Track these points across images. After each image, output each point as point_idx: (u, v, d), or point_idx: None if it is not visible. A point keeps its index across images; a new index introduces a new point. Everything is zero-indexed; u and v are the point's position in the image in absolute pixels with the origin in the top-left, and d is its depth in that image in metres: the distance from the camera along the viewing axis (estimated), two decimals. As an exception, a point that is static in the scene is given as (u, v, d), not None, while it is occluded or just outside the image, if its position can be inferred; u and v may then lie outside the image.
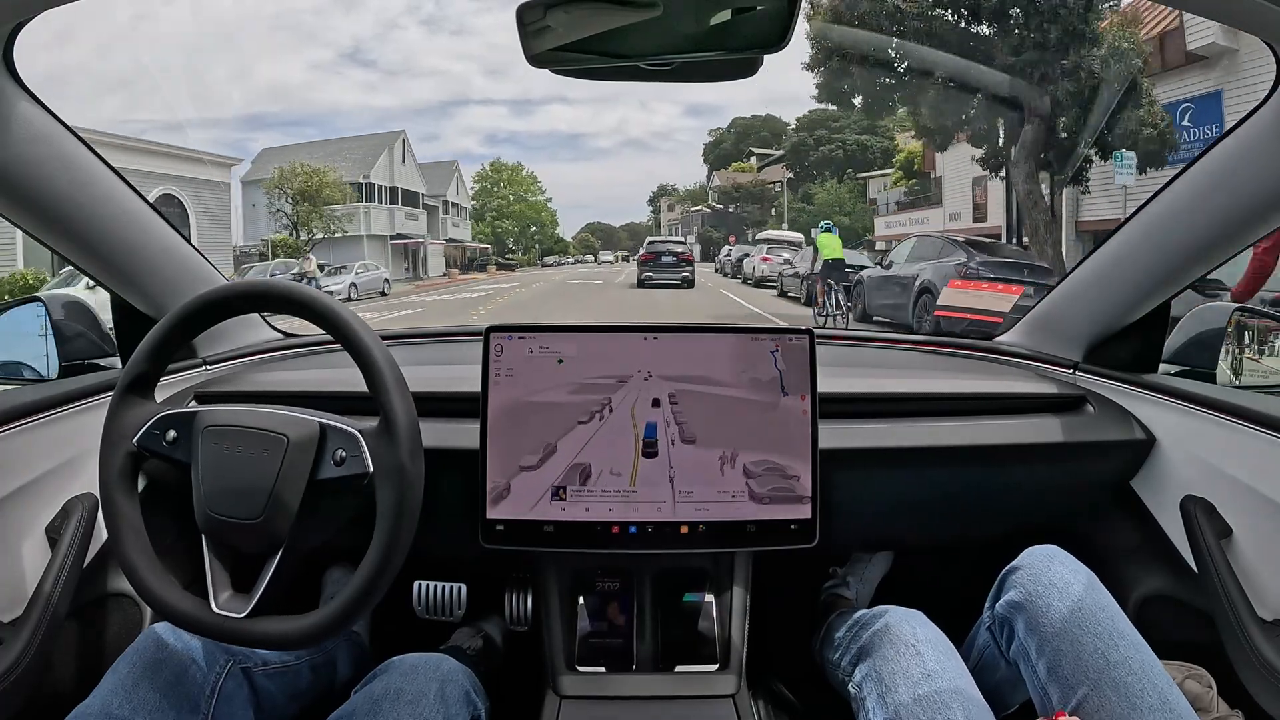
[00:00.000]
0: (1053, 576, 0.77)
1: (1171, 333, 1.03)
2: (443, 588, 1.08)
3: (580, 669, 0.89)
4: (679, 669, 0.89)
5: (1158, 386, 0.97)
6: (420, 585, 1.08)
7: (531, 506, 0.86)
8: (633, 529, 0.86)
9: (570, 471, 0.86)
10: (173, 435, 0.72)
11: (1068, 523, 1.07)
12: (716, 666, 0.89)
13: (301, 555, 0.71)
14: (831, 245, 8.46)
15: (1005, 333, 1.24)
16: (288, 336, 1.25)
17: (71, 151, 0.82)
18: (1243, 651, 0.79)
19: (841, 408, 0.96)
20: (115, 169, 0.88)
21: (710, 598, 0.94)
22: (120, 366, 1.03)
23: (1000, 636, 0.82)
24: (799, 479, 0.87)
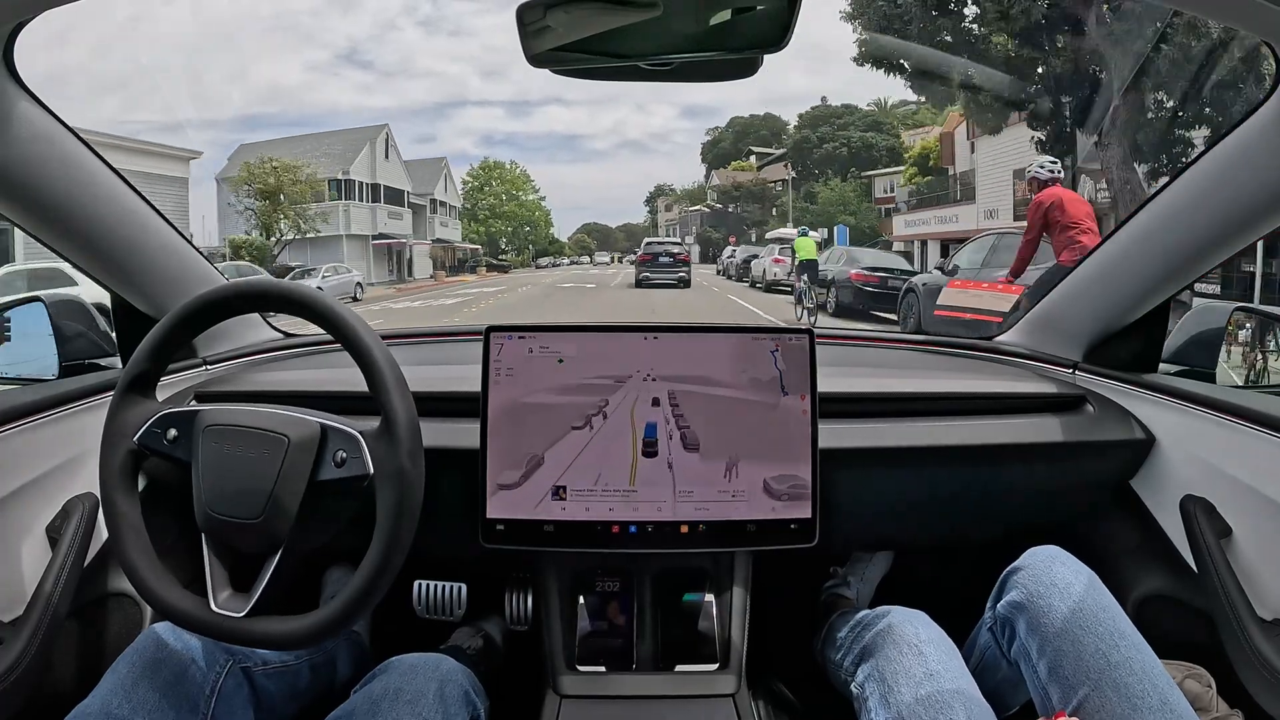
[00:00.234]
0: (1054, 577, 0.78)
1: (1171, 333, 1.03)
2: (443, 587, 1.08)
3: (580, 669, 0.89)
4: (679, 669, 0.89)
5: (1158, 386, 0.97)
6: (420, 585, 1.08)
7: (532, 506, 0.86)
8: (633, 528, 0.86)
9: (570, 471, 0.86)
10: (173, 434, 0.72)
11: (1068, 522, 1.07)
12: (716, 666, 0.89)
13: (301, 555, 0.71)
14: (808, 248, 9.75)
15: (1005, 332, 1.25)
16: (288, 336, 1.25)
17: (71, 151, 0.82)
18: (1242, 651, 0.79)
19: (841, 407, 0.96)
20: (115, 169, 0.88)
21: (710, 597, 0.94)
22: (120, 366, 1.03)
23: (1001, 637, 0.82)
24: (799, 479, 0.86)
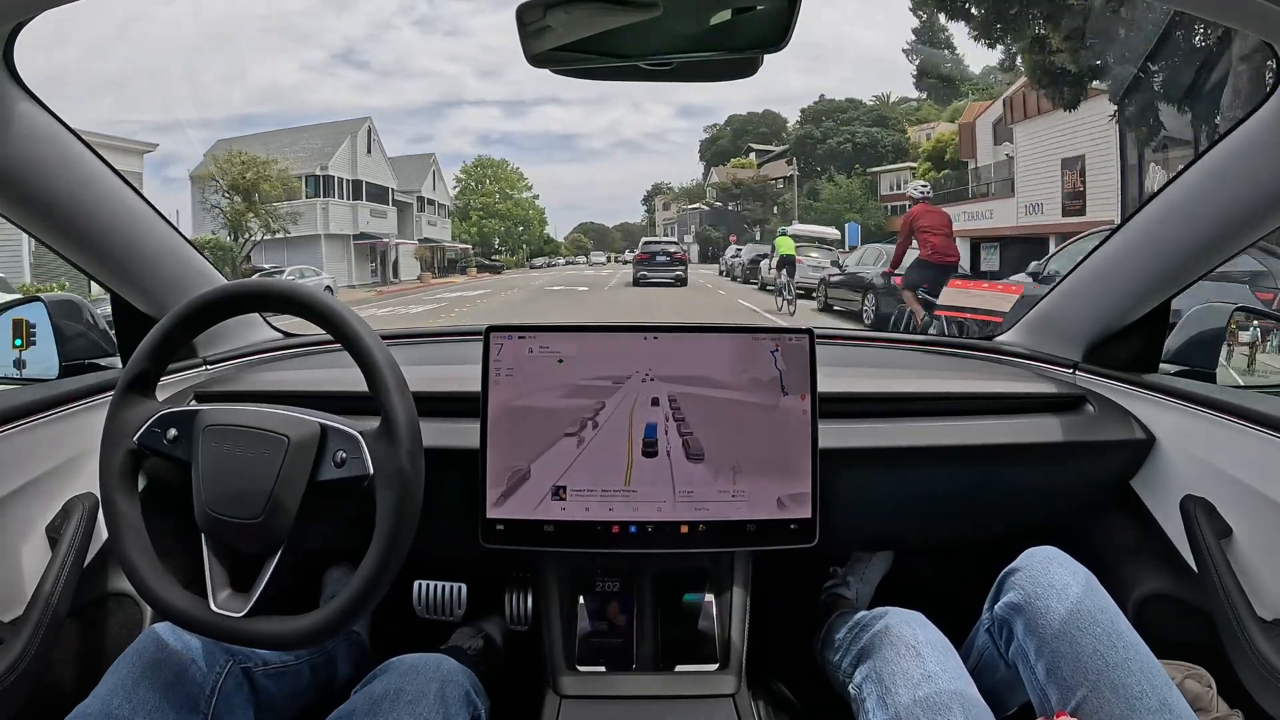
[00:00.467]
0: (1051, 578, 0.77)
1: (1171, 333, 1.03)
2: (443, 587, 1.08)
3: (580, 669, 0.89)
4: (679, 669, 0.89)
5: (1158, 386, 0.97)
6: (420, 585, 1.08)
7: (532, 506, 0.86)
8: (633, 529, 0.86)
9: (571, 471, 0.86)
10: (173, 433, 0.72)
11: (1068, 522, 1.07)
12: (716, 666, 0.89)
13: (301, 555, 0.71)
14: (786, 245, 11.29)
15: (1005, 332, 1.25)
16: (288, 336, 1.25)
17: (72, 151, 0.81)
18: (1242, 651, 0.79)
19: (841, 408, 0.96)
20: (115, 169, 0.88)
21: (710, 597, 0.94)
22: (120, 366, 1.03)
23: (999, 638, 0.82)
24: (799, 479, 0.86)
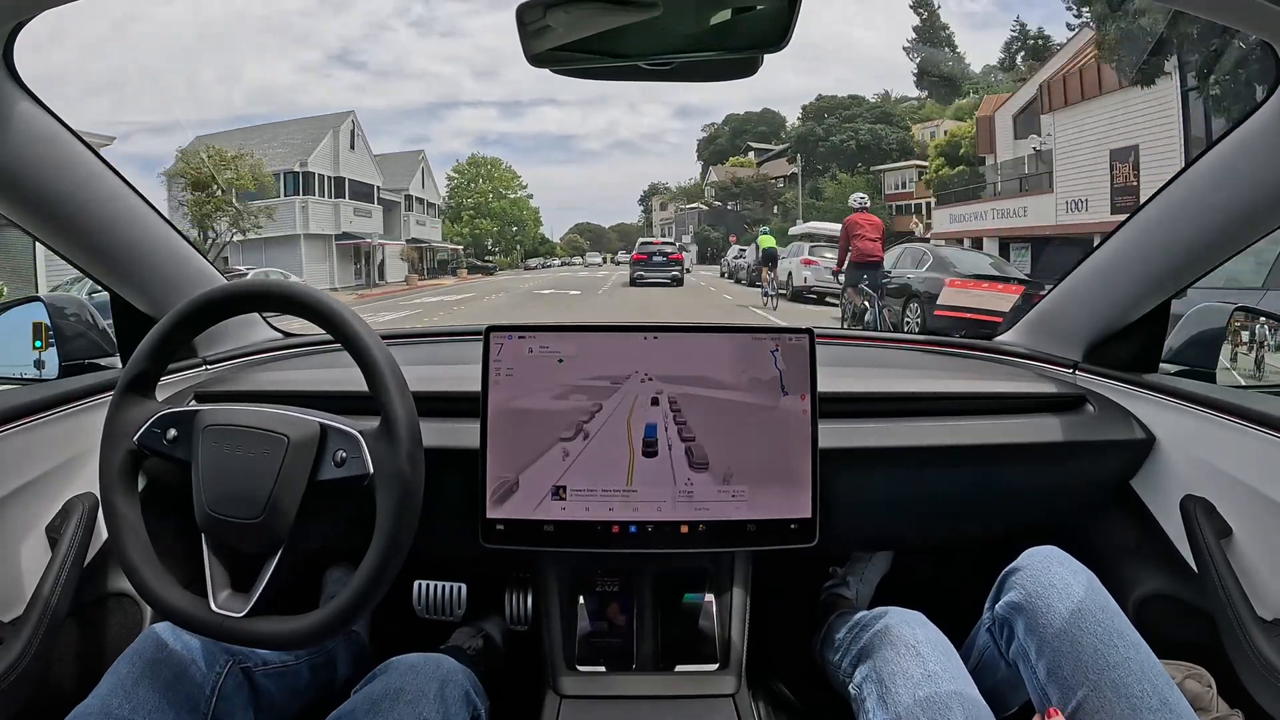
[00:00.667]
0: (1052, 578, 0.77)
1: (1171, 332, 1.03)
2: (443, 587, 1.08)
3: (580, 669, 0.89)
4: (679, 669, 0.89)
5: (1158, 386, 0.97)
6: (420, 585, 1.08)
7: (532, 506, 0.86)
8: (633, 529, 0.86)
9: (570, 471, 0.86)
10: (173, 433, 0.72)
11: (1068, 522, 1.07)
12: (716, 666, 0.89)
13: (301, 555, 0.71)
14: (768, 241, 12.90)
15: (1005, 332, 1.25)
16: (288, 336, 1.25)
17: (72, 151, 0.81)
18: (1243, 651, 0.79)
19: (841, 407, 0.96)
20: (115, 169, 0.88)
21: (710, 597, 0.94)
22: (120, 366, 1.03)
23: (1000, 638, 0.82)
24: (799, 479, 0.86)
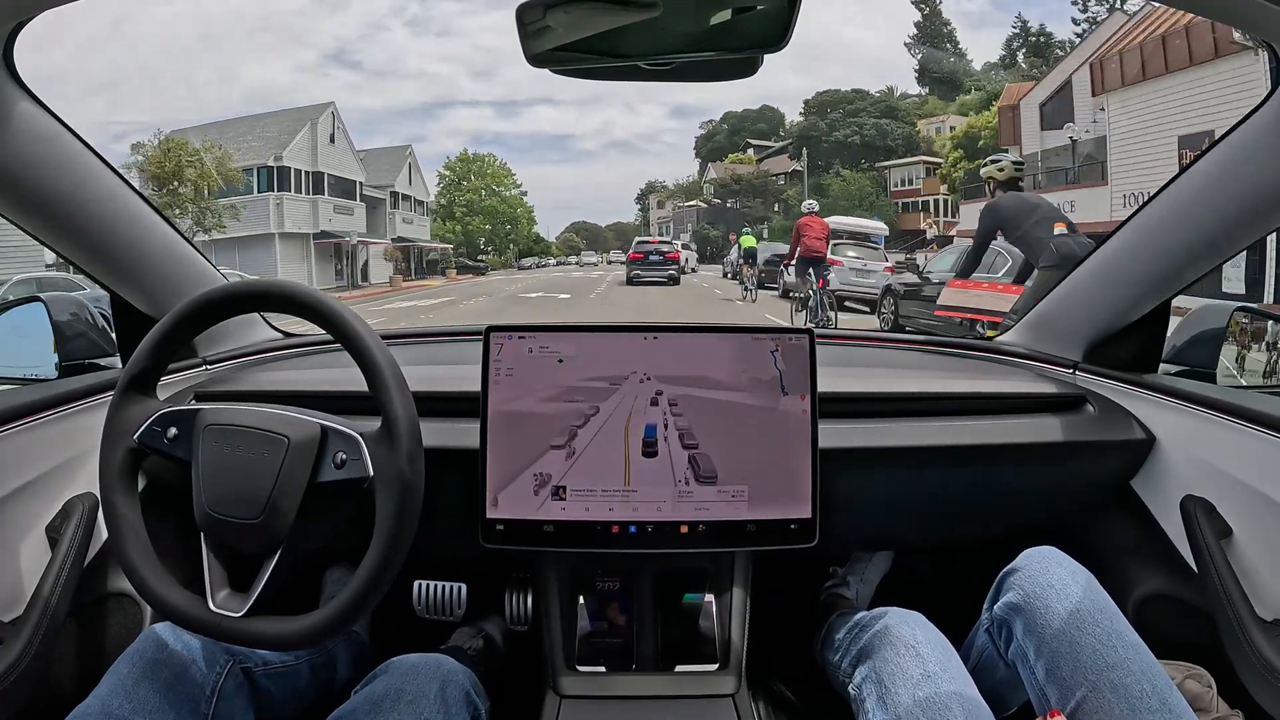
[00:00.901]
0: (1051, 578, 0.77)
1: (1171, 332, 1.03)
2: (443, 587, 1.08)
3: (580, 669, 0.89)
4: (679, 669, 0.89)
5: (1158, 386, 0.97)
6: (420, 585, 1.08)
7: (532, 506, 0.86)
8: (632, 529, 0.86)
9: (571, 471, 0.86)
10: (173, 433, 0.72)
11: (1068, 522, 1.07)
12: (716, 666, 0.89)
13: (301, 555, 0.71)
14: (749, 240, 13.62)
15: (1005, 332, 1.24)
16: (288, 336, 1.25)
17: (72, 151, 0.81)
18: (1243, 651, 0.79)
19: (841, 407, 0.96)
20: (115, 169, 0.88)
21: (710, 598, 0.94)
22: (120, 366, 1.03)
23: (999, 638, 0.82)
24: (799, 479, 0.86)
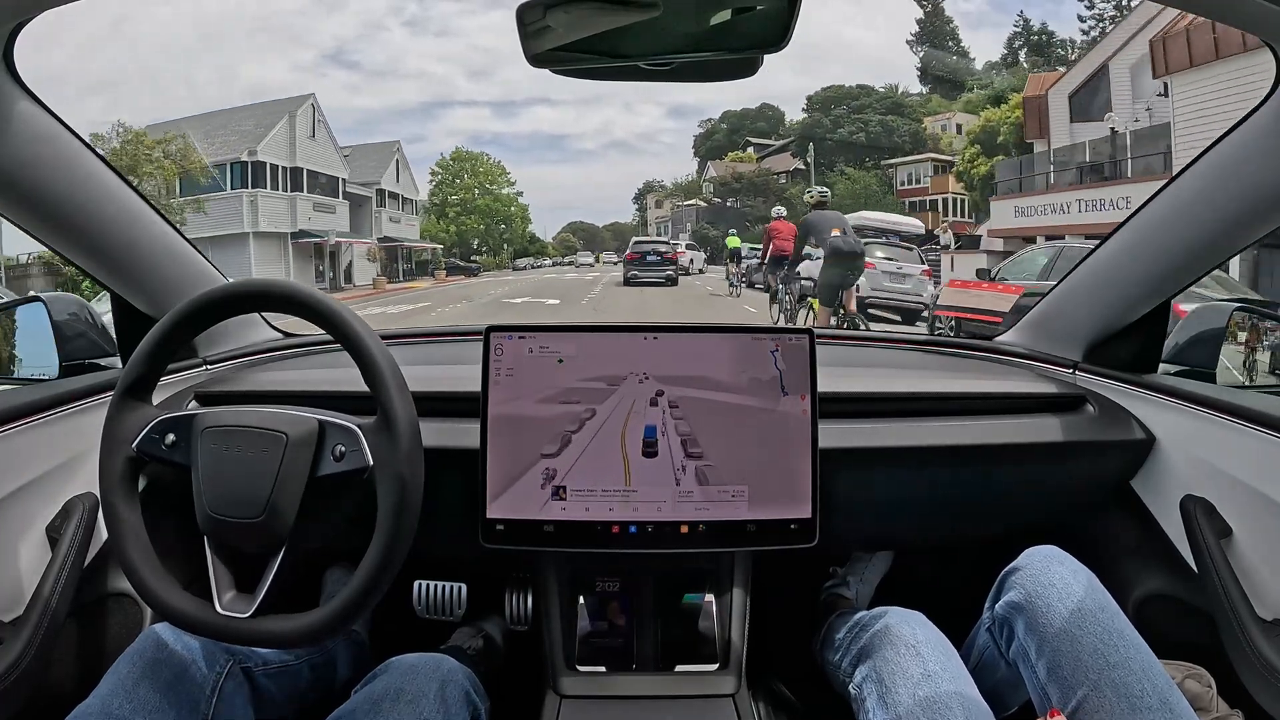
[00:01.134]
0: (1052, 577, 0.77)
1: (1171, 332, 1.03)
2: (443, 587, 1.08)
3: (580, 669, 0.89)
4: (679, 669, 0.89)
5: (1158, 386, 0.97)
6: (420, 585, 1.08)
7: (532, 506, 0.86)
8: (633, 529, 0.86)
9: (571, 471, 0.86)
10: (171, 438, 0.72)
11: (1068, 522, 1.07)
12: (716, 666, 0.89)
13: (302, 555, 0.71)
14: (734, 242, 14.90)
15: (1005, 332, 1.25)
16: (288, 336, 1.25)
17: (72, 151, 0.81)
18: (1243, 651, 0.79)
19: (841, 408, 0.96)
20: (115, 169, 0.88)
21: (710, 598, 0.94)
22: (120, 366, 1.03)
23: (1000, 637, 0.82)
24: (799, 479, 0.86)
